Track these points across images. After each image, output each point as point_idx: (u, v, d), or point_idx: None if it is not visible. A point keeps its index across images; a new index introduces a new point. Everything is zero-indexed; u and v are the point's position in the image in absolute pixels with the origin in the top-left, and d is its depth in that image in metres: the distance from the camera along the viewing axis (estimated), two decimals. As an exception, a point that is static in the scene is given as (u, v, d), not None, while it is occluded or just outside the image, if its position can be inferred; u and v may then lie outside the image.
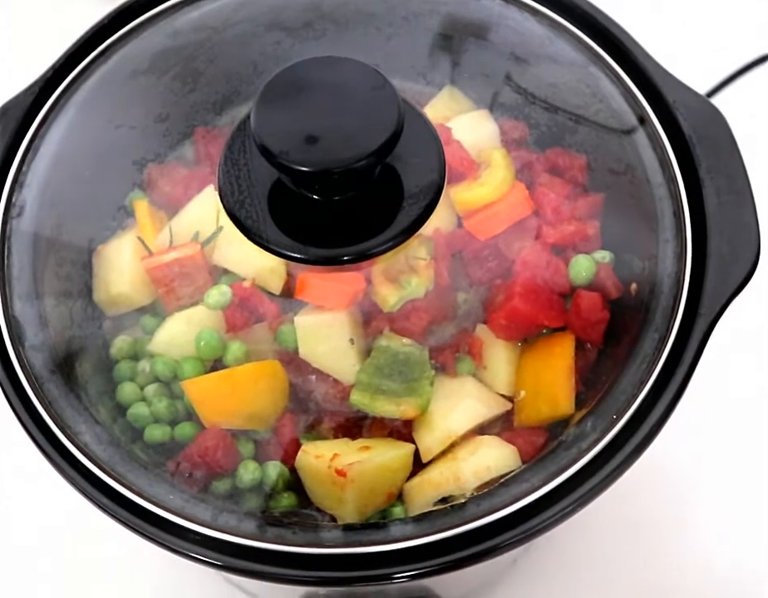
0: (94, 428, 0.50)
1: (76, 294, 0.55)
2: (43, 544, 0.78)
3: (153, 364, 0.57)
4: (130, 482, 0.49)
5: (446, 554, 0.47)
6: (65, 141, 0.57)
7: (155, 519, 0.48)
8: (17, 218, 0.55)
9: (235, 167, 0.51)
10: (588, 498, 0.48)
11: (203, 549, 0.47)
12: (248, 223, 0.51)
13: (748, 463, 0.79)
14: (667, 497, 0.79)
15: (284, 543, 0.47)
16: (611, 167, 0.58)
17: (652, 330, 0.52)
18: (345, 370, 0.56)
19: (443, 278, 0.57)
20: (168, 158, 0.59)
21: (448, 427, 0.55)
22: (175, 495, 0.49)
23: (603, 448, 0.48)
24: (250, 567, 0.47)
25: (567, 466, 0.48)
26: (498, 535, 0.47)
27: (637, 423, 0.49)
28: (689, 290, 0.52)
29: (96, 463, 0.49)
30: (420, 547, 0.47)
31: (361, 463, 0.53)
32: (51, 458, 0.49)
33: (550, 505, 0.47)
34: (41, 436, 0.49)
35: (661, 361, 0.50)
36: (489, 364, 0.58)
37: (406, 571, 0.46)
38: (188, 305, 0.58)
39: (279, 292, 0.57)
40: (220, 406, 0.55)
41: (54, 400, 0.51)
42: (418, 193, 0.51)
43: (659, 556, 0.77)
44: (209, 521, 0.48)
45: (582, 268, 0.57)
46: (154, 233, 0.60)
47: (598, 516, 0.79)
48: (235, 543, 0.47)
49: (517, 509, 0.47)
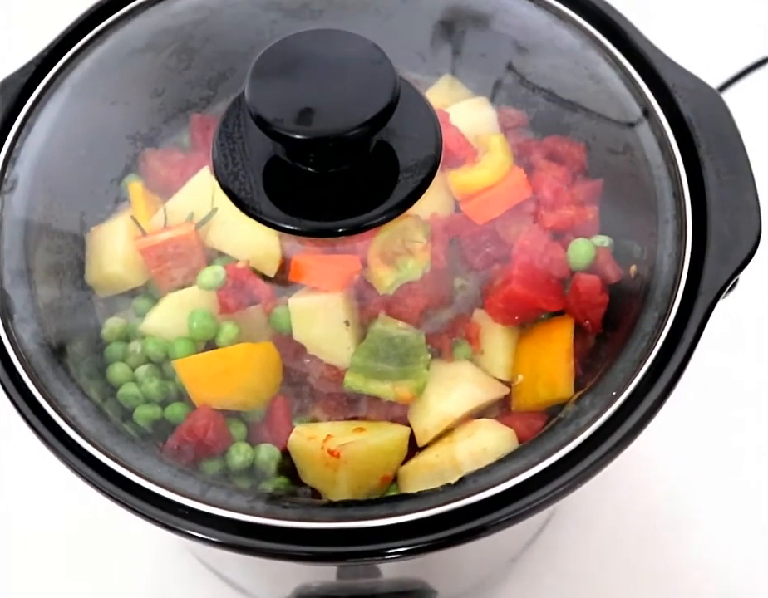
0: (81, 402, 0.49)
1: (67, 266, 0.54)
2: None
3: (144, 344, 0.56)
4: (118, 456, 0.48)
5: (441, 530, 0.45)
6: (59, 118, 0.56)
7: (143, 492, 0.46)
8: (9, 193, 0.54)
9: (230, 141, 0.51)
10: (588, 475, 0.47)
11: (191, 523, 0.46)
12: (241, 195, 0.50)
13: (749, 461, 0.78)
14: (669, 495, 0.78)
15: (275, 517, 0.46)
16: (610, 151, 0.58)
17: (652, 309, 0.51)
18: (339, 353, 0.55)
19: (440, 262, 0.56)
20: (162, 132, 0.59)
21: (444, 410, 0.54)
22: (163, 469, 0.48)
23: (602, 424, 0.47)
24: (240, 542, 0.45)
25: (565, 442, 0.47)
26: (495, 510, 0.45)
27: (636, 400, 0.48)
28: (689, 270, 0.51)
29: (82, 436, 0.48)
30: (414, 523, 0.45)
31: (355, 444, 0.52)
32: (37, 430, 0.48)
33: (548, 481, 0.46)
34: (27, 408, 0.48)
35: (661, 339, 0.49)
36: (487, 348, 0.57)
37: (400, 547, 0.45)
38: (181, 286, 0.57)
39: (274, 275, 0.56)
40: (212, 386, 0.54)
41: (41, 373, 0.50)
42: (414, 167, 0.51)
43: (660, 556, 0.76)
44: (197, 495, 0.47)
45: (581, 252, 0.57)
46: (148, 215, 0.59)
47: (598, 516, 0.78)
48: (225, 517, 0.46)
49: (514, 485, 0.46)
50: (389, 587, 0.61)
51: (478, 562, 0.67)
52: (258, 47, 0.51)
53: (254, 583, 0.68)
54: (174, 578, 0.75)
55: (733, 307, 0.62)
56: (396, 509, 0.46)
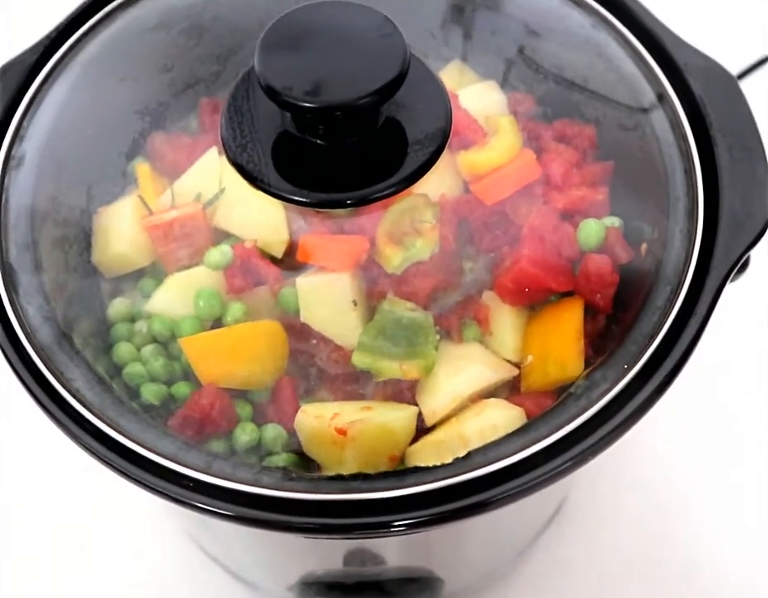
0: (86, 375, 0.49)
1: (73, 239, 0.54)
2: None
3: (150, 323, 0.56)
4: (122, 428, 0.47)
5: (449, 502, 0.44)
6: (68, 96, 0.56)
7: (147, 464, 0.46)
8: (15, 169, 0.54)
9: (238, 115, 0.51)
10: (599, 448, 0.46)
11: (196, 495, 0.45)
12: (249, 167, 0.50)
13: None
14: (680, 494, 0.77)
15: (282, 489, 0.45)
16: (621, 131, 0.57)
17: (664, 284, 0.50)
18: (347, 333, 0.54)
19: (448, 243, 0.56)
20: (171, 107, 0.58)
21: (453, 389, 0.53)
22: (168, 442, 0.47)
23: (614, 398, 0.47)
24: (245, 514, 0.45)
25: (576, 415, 0.46)
26: (504, 483, 0.45)
27: (648, 373, 0.47)
28: (701, 245, 0.51)
29: (87, 408, 0.47)
30: (421, 495, 0.45)
31: (363, 422, 0.52)
32: (41, 402, 0.48)
33: (558, 454, 0.45)
34: (31, 380, 0.48)
35: (673, 313, 0.49)
36: (496, 330, 0.56)
37: (406, 519, 0.44)
38: (188, 267, 0.57)
39: (281, 256, 0.56)
40: (218, 364, 0.54)
41: (46, 347, 0.49)
42: (423, 140, 0.50)
43: (668, 554, 0.75)
44: (202, 467, 0.46)
45: (591, 232, 0.56)
46: (155, 196, 0.59)
47: (606, 512, 0.77)
48: (230, 489, 0.45)
49: (523, 458, 0.45)
50: (394, 574, 0.60)
51: (485, 553, 0.66)
52: (267, 23, 0.51)
53: (259, 573, 0.67)
54: (178, 571, 0.75)
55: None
56: (403, 482, 0.45)
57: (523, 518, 0.66)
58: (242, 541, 0.60)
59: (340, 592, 0.61)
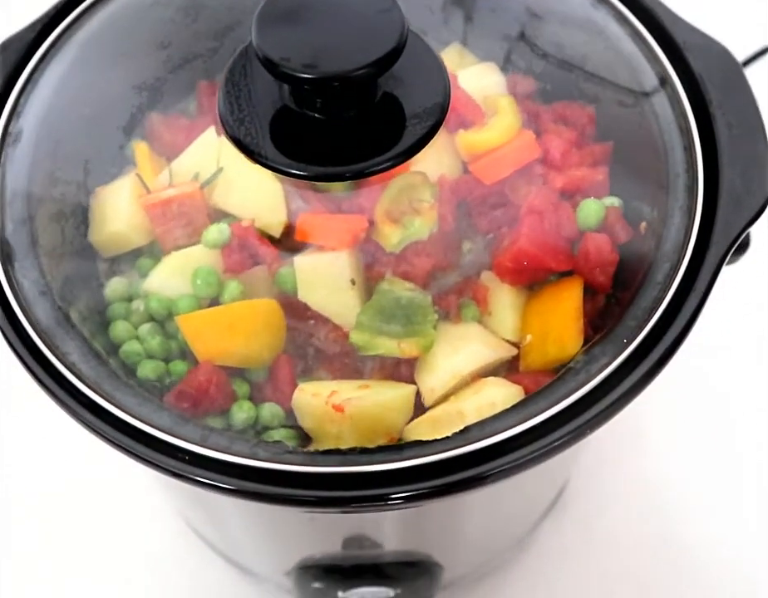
0: (81, 349, 0.49)
1: (69, 214, 0.54)
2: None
3: (147, 301, 0.55)
4: (118, 401, 0.47)
5: (446, 475, 0.44)
6: (65, 73, 0.56)
7: (143, 437, 0.46)
8: (12, 146, 0.54)
9: (236, 89, 0.51)
10: (597, 422, 0.45)
11: (192, 468, 0.45)
12: (247, 141, 0.49)
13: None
14: (675, 480, 0.77)
15: (278, 462, 0.45)
16: (620, 110, 0.57)
17: (664, 260, 0.50)
18: (345, 312, 0.54)
19: (447, 223, 0.56)
20: (168, 82, 0.58)
21: (451, 367, 0.53)
22: (164, 415, 0.47)
23: (613, 371, 0.46)
24: (242, 486, 0.44)
25: (575, 389, 0.46)
26: (502, 455, 0.44)
27: (648, 348, 0.47)
28: (701, 222, 0.50)
29: (82, 381, 0.47)
30: (418, 468, 0.44)
31: (360, 400, 0.51)
32: (37, 376, 0.47)
33: (557, 427, 0.45)
34: (27, 354, 0.48)
35: (672, 288, 0.48)
36: (495, 310, 0.56)
37: (404, 491, 0.44)
38: (186, 246, 0.56)
39: (279, 235, 0.56)
40: (215, 342, 0.54)
41: (41, 321, 0.49)
42: (422, 114, 0.50)
43: (668, 540, 0.75)
44: (198, 440, 0.46)
45: (590, 212, 0.56)
46: (153, 176, 0.59)
47: (605, 504, 0.76)
48: (227, 462, 0.45)
49: (522, 431, 0.45)
50: (393, 558, 0.60)
51: (484, 539, 0.66)
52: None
53: (257, 558, 0.66)
54: (174, 558, 0.74)
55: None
56: (400, 455, 0.45)
57: (522, 504, 0.66)
58: (240, 523, 0.60)
59: (338, 576, 0.61)
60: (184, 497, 0.61)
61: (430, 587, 0.63)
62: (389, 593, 0.61)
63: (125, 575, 0.74)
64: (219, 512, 0.59)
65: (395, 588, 0.61)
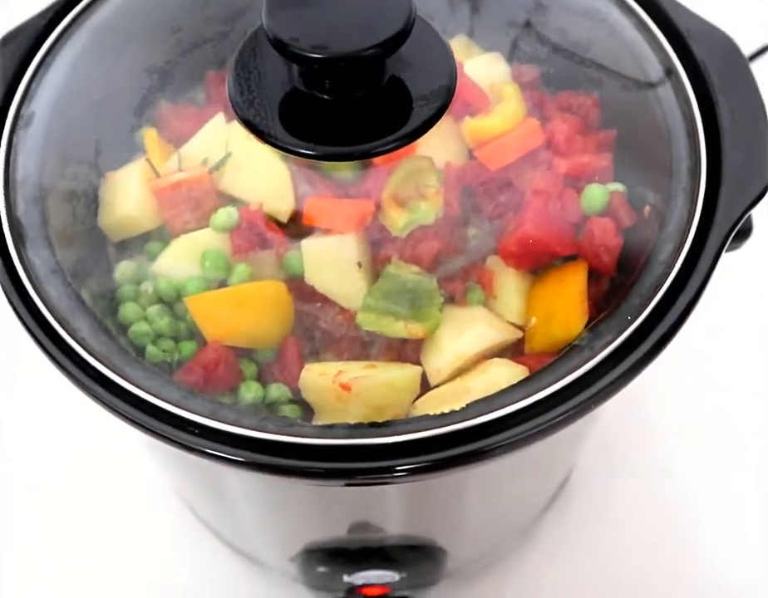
0: (91, 326, 0.49)
1: (81, 193, 0.55)
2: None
3: (156, 283, 0.56)
4: (128, 375, 0.47)
5: (452, 448, 0.44)
6: (77, 57, 0.57)
7: (153, 409, 0.46)
8: (24, 128, 0.54)
9: (245, 71, 0.51)
10: (601, 397, 0.46)
11: (202, 440, 0.45)
12: (256, 121, 0.50)
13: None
14: (679, 473, 0.77)
15: (286, 434, 0.45)
16: (623, 98, 0.58)
17: (667, 241, 0.51)
18: (352, 295, 0.55)
19: (453, 208, 0.56)
20: (178, 65, 0.59)
21: (457, 349, 0.54)
22: (173, 389, 0.47)
23: (617, 348, 0.47)
24: (250, 458, 0.45)
25: (579, 365, 0.47)
26: (509, 428, 0.45)
27: (652, 325, 0.47)
28: (704, 203, 0.51)
29: (93, 355, 0.47)
30: (423, 441, 0.45)
31: (367, 379, 0.52)
32: (49, 352, 0.48)
33: (561, 402, 0.45)
34: (38, 330, 0.48)
35: (676, 267, 0.49)
36: (500, 294, 0.56)
37: (409, 463, 0.44)
38: (194, 230, 0.57)
39: (287, 220, 0.56)
40: (224, 322, 0.54)
41: (53, 298, 0.50)
42: (428, 96, 0.51)
43: (672, 535, 0.75)
44: (207, 413, 0.46)
45: (594, 197, 0.57)
46: (162, 162, 0.59)
47: (608, 495, 0.77)
48: (236, 434, 0.45)
49: (527, 405, 0.45)
50: (398, 541, 0.60)
51: (487, 526, 0.66)
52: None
53: (262, 543, 0.67)
54: (178, 547, 0.74)
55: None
56: (406, 428, 0.45)
57: (525, 491, 0.66)
58: (247, 507, 0.60)
59: (343, 560, 0.61)
60: (193, 480, 0.62)
61: (434, 572, 0.63)
62: (394, 576, 0.61)
63: (128, 563, 0.74)
64: (227, 495, 0.60)
65: (399, 572, 0.61)
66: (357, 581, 0.61)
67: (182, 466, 0.58)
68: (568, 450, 0.64)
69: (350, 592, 0.63)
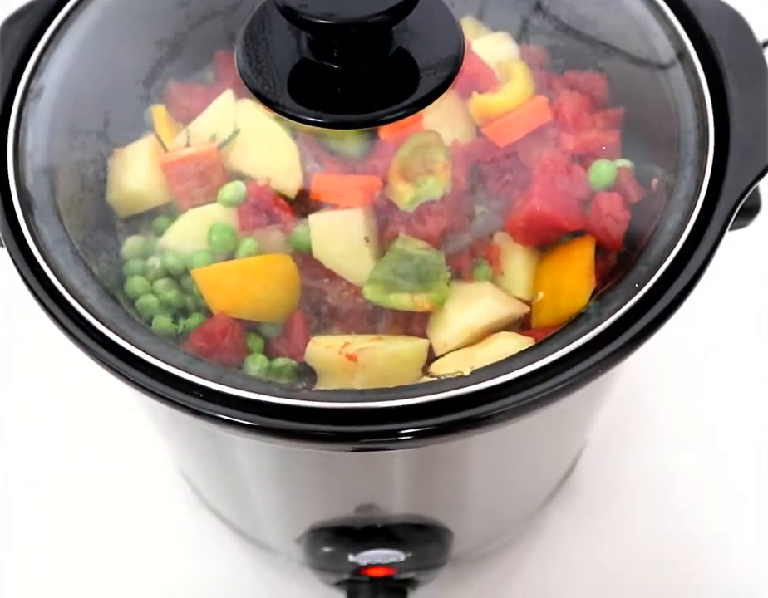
0: (99, 293, 0.49)
1: (89, 162, 0.55)
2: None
3: (163, 257, 0.56)
4: (134, 340, 0.47)
5: (458, 411, 0.44)
6: (87, 32, 0.57)
7: (158, 374, 0.46)
8: (33, 101, 0.55)
9: (254, 42, 0.52)
10: (609, 362, 0.46)
11: (207, 403, 0.45)
12: (264, 90, 0.50)
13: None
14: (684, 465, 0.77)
15: (292, 398, 0.45)
16: (632, 73, 0.58)
17: (676, 211, 0.50)
18: (358, 270, 0.55)
19: (460, 184, 0.56)
20: (187, 37, 0.59)
21: (464, 322, 0.53)
22: (179, 354, 0.47)
23: (625, 314, 0.47)
24: (258, 421, 0.45)
25: (586, 331, 0.46)
26: (516, 392, 0.45)
27: (660, 291, 0.47)
28: (712, 175, 0.51)
29: (99, 320, 0.47)
30: (431, 404, 0.45)
31: (373, 350, 0.52)
32: (57, 318, 0.48)
33: (570, 366, 0.45)
34: (46, 295, 0.48)
35: (684, 236, 0.49)
36: (507, 269, 0.56)
37: (414, 426, 0.44)
38: (202, 205, 0.57)
39: (294, 197, 0.56)
40: (230, 295, 0.54)
41: (61, 266, 0.50)
42: (436, 65, 0.51)
43: (677, 526, 0.74)
44: (213, 377, 0.46)
45: (602, 172, 0.56)
46: (171, 138, 0.60)
47: (614, 484, 0.76)
48: (242, 397, 0.45)
49: (534, 370, 0.45)
50: (404, 519, 0.60)
51: (493, 507, 0.66)
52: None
53: (268, 524, 0.66)
54: (182, 535, 0.74)
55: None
56: (413, 392, 0.45)
57: (531, 472, 0.66)
58: (254, 484, 0.60)
59: (349, 539, 0.61)
60: (200, 456, 0.62)
61: (440, 553, 0.63)
62: (399, 557, 0.61)
63: (133, 550, 0.74)
64: (234, 472, 0.59)
65: (405, 552, 0.61)
66: (363, 561, 0.61)
67: (188, 439, 0.58)
68: (574, 430, 0.64)
69: (355, 573, 0.63)
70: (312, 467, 0.53)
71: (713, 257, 0.48)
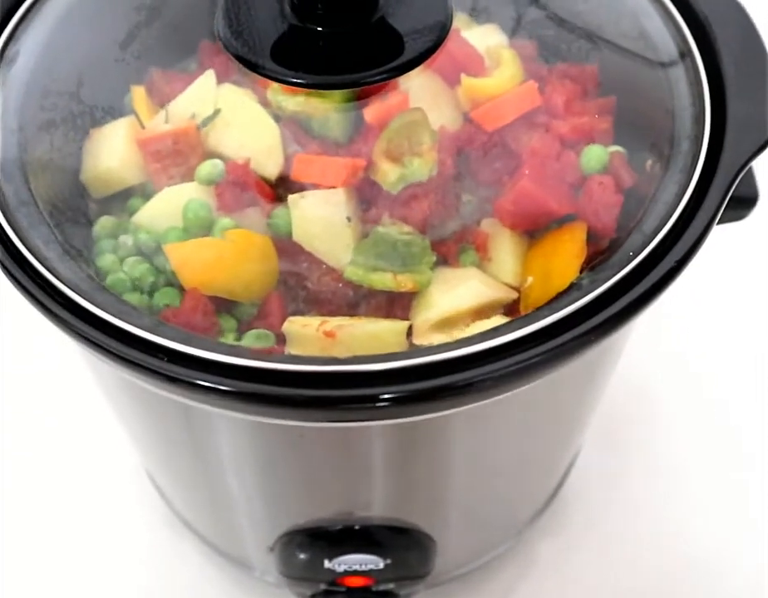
0: (62, 257, 0.47)
1: (59, 122, 0.53)
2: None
3: (136, 234, 0.54)
4: (97, 301, 0.45)
5: (441, 376, 0.42)
6: (64, 4, 0.56)
7: (122, 335, 0.43)
8: (7, 66, 0.53)
9: (235, 5, 0.50)
10: (600, 334, 0.43)
11: (174, 367, 0.42)
12: (244, 51, 0.49)
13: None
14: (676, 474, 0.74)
15: (264, 361, 0.42)
16: (625, 54, 0.56)
17: (672, 183, 0.49)
18: (339, 253, 0.53)
19: (447, 168, 0.55)
20: (166, 4, 0.58)
21: (448, 302, 0.51)
22: (143, 317, 0.45)
23: (618, 282, 0.44)
24: (225, 384, 0.42)
25: (577, 299, 0.44)
26: (504, 358, 0.42)
27: (656, 260, 0.45)
28: (708, 149, 0.49)
29: (62, 282, 0.45)
30: (410, 368, 0.42)
31: (352, 327, 0.49)
32: (14, 275, 0.45)
33: (565, 331, 0.43)
34: (5, 255, 0.46)
35: (680, 206, 0.47)
36: (495, 256, 0.54)
37: (393, 392, 0.41)
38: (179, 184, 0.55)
39: (275, 179, 0.54)
40: (204, 272, 0.52)
41: (24, 228, 0.48)
42: (423, 30, 0.49)
43: (671, 539, 0.71)
44: (180, 340, 0.43)
45: (594, 156, 0.55)
46: (150, 118, 0.58)
47: (604, 499, 0.73)
48: (210, 360, 0.42)
49: (523, 336, 0.43)
50: (382, 522, 0.57)
51: (478, 517, 0.62)
52: None
53: (241, 529, 0.63)
54: (155, 551, 0.71)
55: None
56: (391, 357, 0.43)
57: (515, 478, 0.62)
58: (227, 482, 0.57)
59: (325, 543, 0.57)
60: (168, 444, 0.58)
61: (422, 562, 0.59)
62: (378, 563, 0.57)
63: (103, 564, 0.70)
64: (204, 461, 0.56)
65: (384, 558, 0.58)
66: (339, 568, 0.58)
67: (157, 425, 0.55)
68: (563, 429, 0.61)
69: (331, 584, 0.59)
70: (286, 458, 0.50)
71: (712, 226, 0.46)
